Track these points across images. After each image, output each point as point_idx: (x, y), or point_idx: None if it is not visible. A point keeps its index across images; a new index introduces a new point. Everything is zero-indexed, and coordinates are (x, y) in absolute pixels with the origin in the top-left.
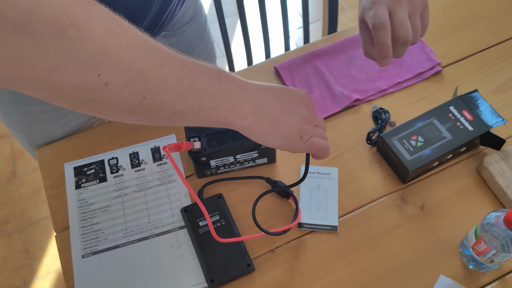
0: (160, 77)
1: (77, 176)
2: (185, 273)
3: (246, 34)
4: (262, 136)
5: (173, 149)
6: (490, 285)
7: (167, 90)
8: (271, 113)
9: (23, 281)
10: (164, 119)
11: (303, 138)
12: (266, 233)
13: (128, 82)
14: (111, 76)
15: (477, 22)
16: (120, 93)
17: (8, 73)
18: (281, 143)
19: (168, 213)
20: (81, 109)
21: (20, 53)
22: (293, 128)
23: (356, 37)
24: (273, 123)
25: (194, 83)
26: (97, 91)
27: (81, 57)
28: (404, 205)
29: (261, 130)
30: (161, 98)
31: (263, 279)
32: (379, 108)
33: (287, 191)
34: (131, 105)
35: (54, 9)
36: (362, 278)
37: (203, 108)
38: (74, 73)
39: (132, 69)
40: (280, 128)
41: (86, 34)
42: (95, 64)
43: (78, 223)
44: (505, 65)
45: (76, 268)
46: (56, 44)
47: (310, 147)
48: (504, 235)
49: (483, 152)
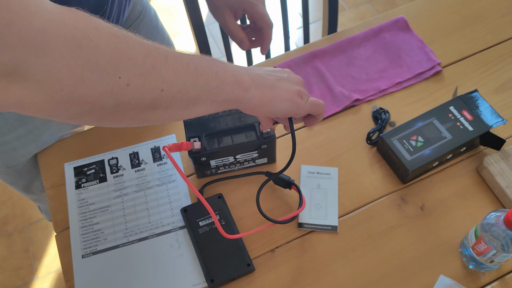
0: (169, 68)
1: (77, 176)
2: (185, 273)
3: None
4: (268, 105)
5: (173, 149)
6: (490, 285)
7: (179, 78)
8: (268, 82)
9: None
10: (182, 108)
11: (303, 98)
12: (274, 222)
13: (145, 78)
14: (130, 76)
15: (477, 22)
16: (141, 91)
17: (39, 98)
18: (286, 105)
19: (168, 213)
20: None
21: (47, 74)
22: (292, 90)
23: (356, 37)
24: (273, 89)
25: (198, 67)
26: (121, 94)
27: (100, 64)
28: (404, 205)
29: (265, 98)
30: (176, 87)
31: (263, 279)
32: (379, 108)
33: (288, 181)
34: (152, 100)
35: (65, 24)
36: (362, 278)
37: (212, 88)
38: (98, 81)
39: (145, 65)
40: (281, 92)
41: (98, 42)
42: (114, 67)
43: (78, 223)
44: (505, 65)
45: (76, 268)
46: (76, 57)
47: (311, 105)
48: (504, 235)
49: (483, 152)
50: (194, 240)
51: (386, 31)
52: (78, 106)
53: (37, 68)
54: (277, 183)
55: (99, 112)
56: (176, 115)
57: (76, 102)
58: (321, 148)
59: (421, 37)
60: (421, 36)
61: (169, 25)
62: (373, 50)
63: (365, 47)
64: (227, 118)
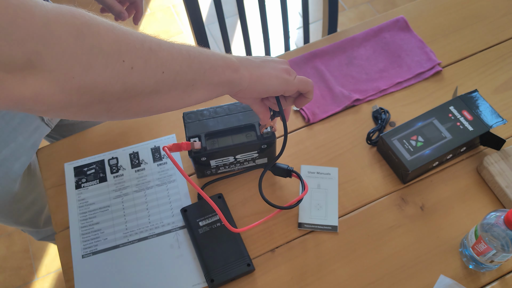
0: (164, 51)
1: (77, 176)
2: (185, 273)
3: (246, 34)
4: (258, 83)
5: (173, 149)
6: (490, 285)
7: (175, 60)
8: (254, 62)
9: (23, 281)
10: (182, 92)
11: (291, 75)
12: (280, 208)
13: (146, 61)
14: (133, 59)
15: (477, 22)
16: (144, 74)
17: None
18: (276, 82)
19: (168, 213)
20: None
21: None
22: (279, 68)
23: (356, 37)
24: (260, 68)
25: (189, 52)
26: (127, 78)
27: (104, 49)
28: (404, 205)
29: (254, 77)
30: (174, 69)
31: (263, 279)
32: (379, 108)
33: (287, 169)
34: (156, 84)
35: (63, 14)
36: (362, 278)
37: (206, 70)
38: (104, 66)
39: (144, 48)
40: (269, 70)
41: (97, 28)
42: (117, 52)
43: (78, 223)
44: (505, 65)
45: (76, 268)
46: (80, 44)
47: (300, 82)
48: (504, 235)
49: (483, 152)
50: (194, 240)
51: (386, 31)
52: (89, 93)
53: (49, 59)
54: (277, 173)
55: (108, 98)
56: (178, 100)
57: (88, 89)
58: (321, 148)
59: (421, 37)
60: (421, 36)
61: (169, 25)
62: (373, 50)
63: (365, 47)
64: (227, 118)
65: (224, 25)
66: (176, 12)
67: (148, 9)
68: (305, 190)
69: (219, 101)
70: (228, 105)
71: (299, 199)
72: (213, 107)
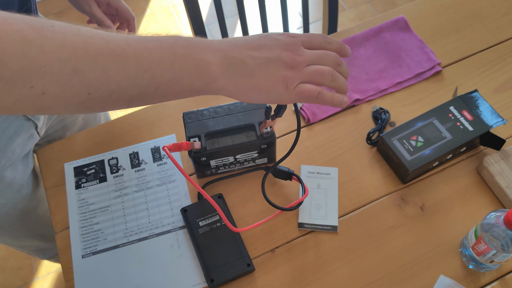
0: (98, 69)
1: (77, 176)
2: (185, 273)
3: (246, 34)
4: (242, 94)
5: (173, 149)
6: (490, 285)
7: (110, 79)
8: (246, 68)
9: (23, 281)
10: (126, 104)
11: (289, 87)
12: (281, 209)
13: (64, 85)
14: (44, 85)
15: (477, 22)
16: (62, 97)
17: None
18: (265, 96)
19: (168, 213)
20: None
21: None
22: (275, 78)
23: (356, 37)
24: (250, 78)
25: (142, 62)
26: (39, 102)
27: (7, 76)
28: (404, 205)
29: (239, 87)
30: (108, 88)
31: (263, 279)
32: (379, 108)
33: (288, 172)
34: (80, 103)
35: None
36: (362, 278)
37: (161, 84)
38: (7, 92)
39: (63, 71)
40: (260, 81)
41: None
42: (23, 78)
43: (78, 223)
44: (505, 65)
45: (76, 268)
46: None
47: (299, 95)
48: (504, 235)
49: (483, 152)
50: (194, 240)
51: (386, 31)
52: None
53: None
54: (278, 176)
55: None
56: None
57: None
58: (321, 148)
59: (421, 37)
60: (421, 36)
61: (169, 25)
62: (373, 50)
63: (365, 47)
64: (227, 118)
65: (224, 25)
66: (176, 12)
67: (148, 9)
68: (305, 194)
69: (219, 101)
70: (228, 105)
71: (300, 202)
72: (213, 107)
